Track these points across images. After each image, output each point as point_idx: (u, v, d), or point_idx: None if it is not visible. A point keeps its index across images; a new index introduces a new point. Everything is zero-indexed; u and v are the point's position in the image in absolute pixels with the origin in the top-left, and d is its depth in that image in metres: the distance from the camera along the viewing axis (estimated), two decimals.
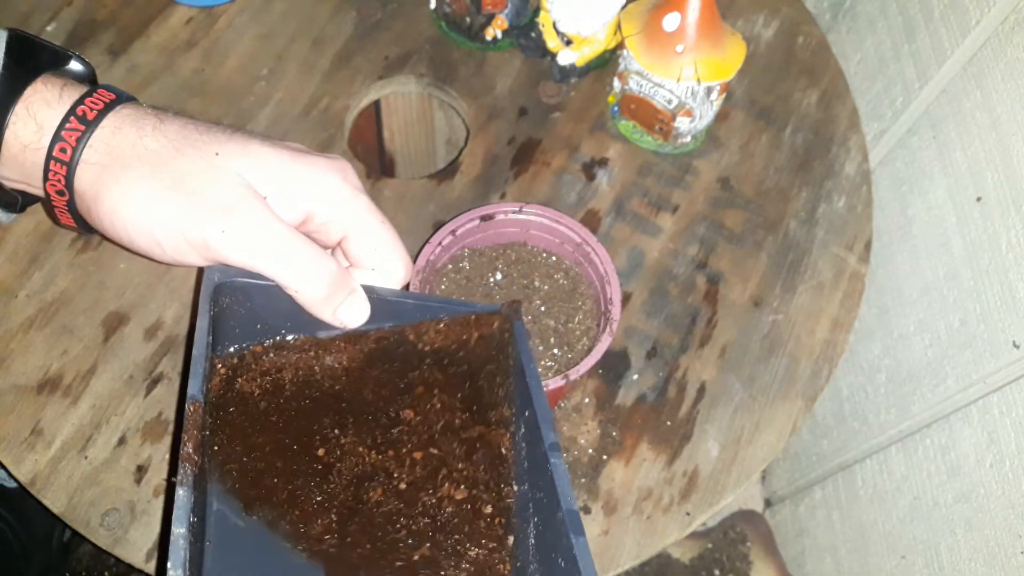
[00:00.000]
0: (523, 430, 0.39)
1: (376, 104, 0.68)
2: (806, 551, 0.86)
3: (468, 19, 0.61)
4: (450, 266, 0.49)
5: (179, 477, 0.31)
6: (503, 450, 0.39)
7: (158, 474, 0.47)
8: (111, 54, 0.61)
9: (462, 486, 0.38)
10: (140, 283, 0.53)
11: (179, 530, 0.29)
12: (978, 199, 0.56)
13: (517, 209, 0.48)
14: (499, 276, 0.48)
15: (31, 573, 0.79)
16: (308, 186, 0.38)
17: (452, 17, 0.62)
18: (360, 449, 0.38)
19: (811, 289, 0.56)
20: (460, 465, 0.38)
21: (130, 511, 0.46)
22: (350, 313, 0.39)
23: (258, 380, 0.39)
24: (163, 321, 0.52)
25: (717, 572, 0.95)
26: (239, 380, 0.39)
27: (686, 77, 0.53)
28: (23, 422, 0.48)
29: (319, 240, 0.40)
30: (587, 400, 0.51)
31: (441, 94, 0.63)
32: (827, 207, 0.59)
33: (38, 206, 0.54)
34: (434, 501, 0.37)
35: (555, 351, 0.47)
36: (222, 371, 0.39)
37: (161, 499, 0.47)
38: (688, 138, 0.58)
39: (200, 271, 0.38)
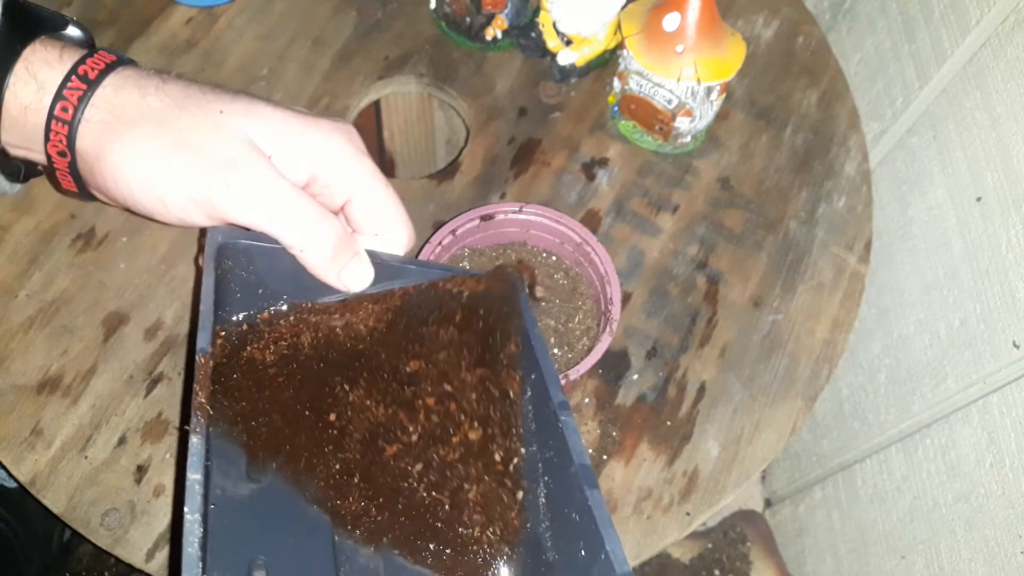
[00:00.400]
0: (529, 393, 0.39)
1: (376, 104, 0.68)
2: (806, 551, 0.86)
3: (468, 19, 0.61)
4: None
5: (192, 425, 0.32)
6: (512, 393, 0.39)
7: (158, 474, 0.47)
8: None
9: (475, 423, 0.38)
10: (140, 283, 0.53)
11: (194, 476, 0.30)
12: (978, 199, 0.56)
13: (517, 209, 0.49)
14: None
15: (31, 573, 0.79)
16: (312, 148, 0.38)
17: (452, 17, 0.62)
18: (370, 404, 0.38)
19: (811, 289, 0.56)
20: (470, 406, 0.39)
21: (130, 511, 0.46)
22: (354, 276, 0.39)
23: (268, 346, 0.39)
24: (163, 321, 0.52)
25: (717, 572, 0.95)
26: (247, 348, 0.39)
27: (686, 77, 0.53)
28: (23, 422, 0.48)
29: (322, 203, 0.39)
30: (587, 400, 0.51)
31: (441, 94, 0.63)
32: (827, 207, 0.59)
33: (38, 208, 0.54)
34: (445, 453, 0.38)
35: (555, 351, 0.47)
36: (223, 336, 0.38)
37: (161, 499, 0.47)
38: (688, 138, 0.58)
39: (201, 241, 0.38)
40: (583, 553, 0.33)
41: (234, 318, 0.39)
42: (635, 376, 0.52)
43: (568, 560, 0.34)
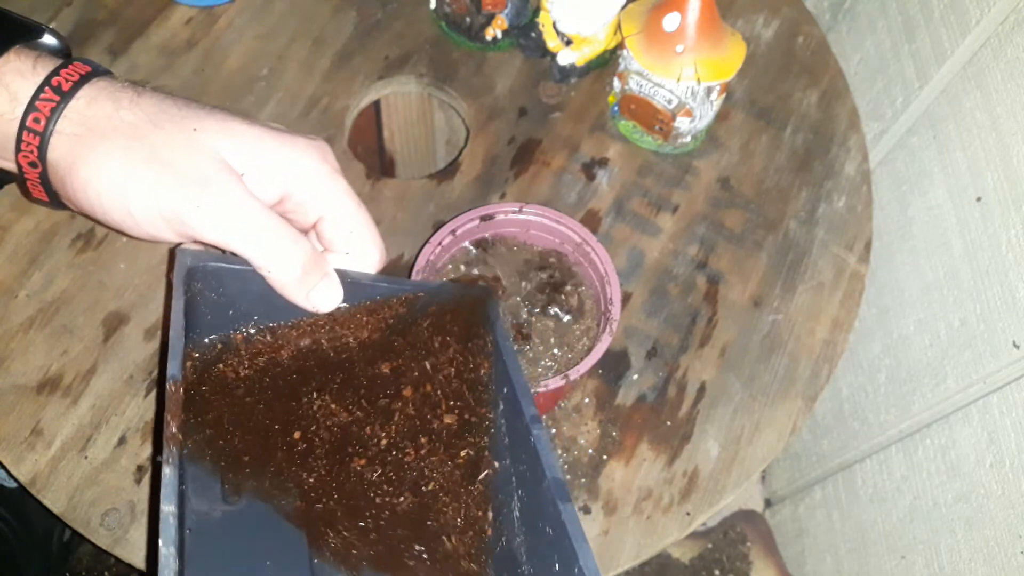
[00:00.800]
0: (502, 406, 0.39)
1: (376, 104, 0.68)
2: (806, 551, 0.86)
3: (468, 19, 0.61)
4: (450, 266, 0.49)
5: (164, 456, 0.31)
6: (485, 412, 0.39)
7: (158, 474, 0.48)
8: (111, 54, 0.61)
9: (449, 439, 0.38)
10: (140, 283, 0.53)
11: (168, 508, 0.30)
12: (978, 199, 0.56)
13: (517, 209, 0.48)
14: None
15: (31, 573, 0.79)
16: (285, 165, 0.38)
17: (452, 17, 0.62)
18: (343, 423, 0.39)
19: (811, 289, 0.56)
20: (442, 425, 0.39)
21: (130, 511, 0.46)
22: (323, 297, 0.39)
23: (240, 366, 0.39)
24: (163, 321, 0.52)
25: (717, 572, 0.95)
26: (218, 367, 0.39)
27: (686, 77, 0.53)
28: (23, 422, 0.48)
29: (295, 221, 0.39)
30: (587, 400, 0.51)
31: (441, 94, 0.63)
32: (827, 207, 0.59)
33: (37, 208, 0.54)
34: (418, 470, 0.38)
35: (555, 351, 0.47)
36: (196, 357, 0.38)
37: None
38: (688, 138, 0.58)
39: (172, 257, 0.38)
40: (557, 567, 0.33)
41: (206, 340, 0.39)
42: (635, 376, 0.52)
43: (543, 574, 0.34)
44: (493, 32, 0.61)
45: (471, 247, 0.49)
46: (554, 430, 0.50)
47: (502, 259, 0.49)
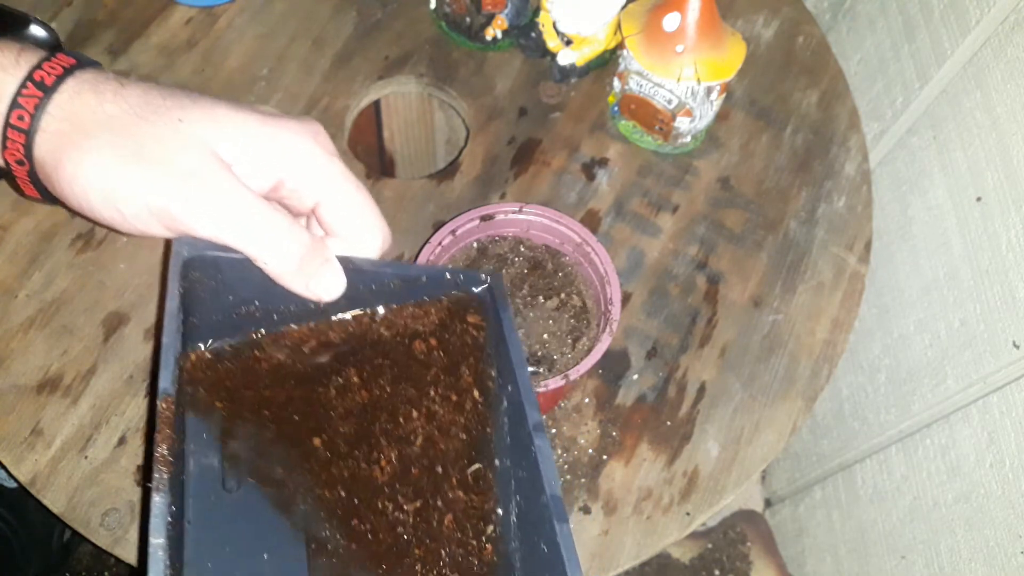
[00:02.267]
0: (505, 404, 0.38)
1: (376, 104, 0.68)
2: (806, 551, 0.86)
3: (468, 19, 0.61)
4: (450, 266, 0.49)
5: (154, 483, 0.30)
6: (488, 422, 0.38)
7: None
8: (111, 54, 0.61)
9: (451, 448, 0.38)
10: (140, 283, 0.53)
11: (157, 540, 0.28)
12: (978, 199, 0.56)
13: (517, 209, 0.48)
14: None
15: (31, 573, 0.79)
16: (277, 151, 0.37)
17: (452, 17, 0.62)
18: (351, 429, 0.38)
19: (811, 289, 0.56)
20: (446, 431, 0.38)
21: (130, 511, 0.46)
22: (324, 285, 0.38)
23: (251, 361, 0.38)
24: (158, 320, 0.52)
25: (717, 572, 0.95)
26: (224, 362, 0.38)
27: (686, 77, 0.53)
28: (23, 422, 0.48)
29: (292, 207, 0.38)
30: (587, 400, 0.51)
31: (441, 94, 0.63)
32: (827, 207, 0.59)
33: (37, 208, 0.54)
34: (421, 481, 0.37)
35: (554, 351, 0.47)
36: (202, 350, 0.37)
37: None
38: (688, 138, 0.58)
39: (167, 249, 0.37)
40: None
41: (209, 341, 0.38)
42: (635, 376, 0.52)
43: None
44: (493, 32, 0.61)
45: (472, 246, 0.49)
46: (554, 430, 0.50)
47: (502, 259, 0.49)
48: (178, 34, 0.62)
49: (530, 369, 0.45)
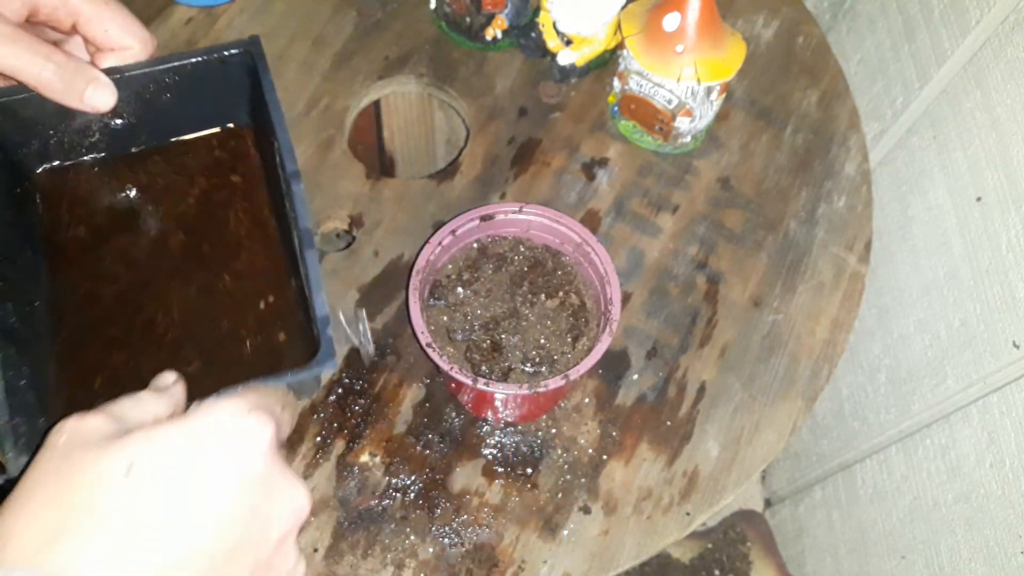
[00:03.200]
0: (277, 158, 0.43)
1: (376, 104, 0.68)
2: (806, 551, 0.86)
3: (468, 19, 0.61)
4: (450, 266, 0.49)
5: None
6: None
7: None
8: None
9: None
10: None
11: None
12: (978, 199, 0.56)
13: (517, 209, 0.48)
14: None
15: None
16: None
17: (452, 17, 0.62)
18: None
19: (811, 289, 0.56)
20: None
21: None
22: (96, 97, 0.41)
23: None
24: None
25: (717, 572, 0.95)
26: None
27: (686, 77, 0.53)
28: None
29: (57, 29, 0.41)
30: (587, 400, 0.51)
31: (441, 94, 0.63)
32: (827, 207, 0.59)
33: None
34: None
35: (554, 351, 0.47)
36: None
37: None
38: (688, 138, 0.58)
39: None
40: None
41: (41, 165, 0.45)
42: (635, 376, 0.52)
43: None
44: (493, 32, 0.61)
45: (472, 246, 0.49)
46: (554, 430, 0.50)
47: (501, 259, 0.49)
48: (178, 34, 0.62)
49: (530, 369, 0.45)
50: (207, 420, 0.30)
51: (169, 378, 0.34)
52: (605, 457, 0.50)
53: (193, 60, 0.44)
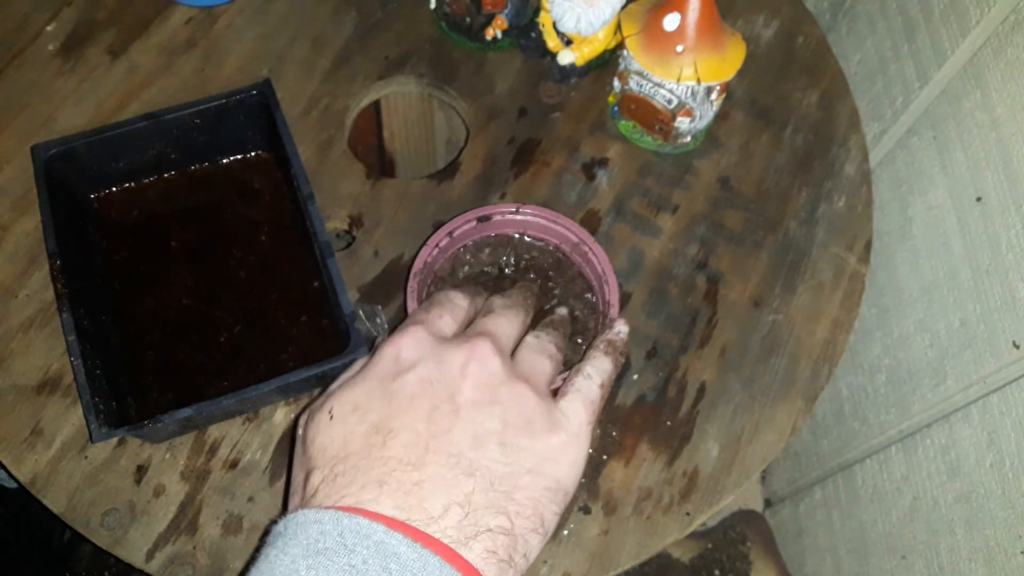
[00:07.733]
0: (294, 182, 0.50)
1: (376, 104, 0.68)
2: (806, 551, 0.86)
3: (468, 19, 0.61)
4: (448, 267, 0.49)
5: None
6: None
7: (158, 474, 0.48)
8: (111, 54, 0.61)
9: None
10: None
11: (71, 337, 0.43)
12: (978, 199, 0.56)
13: (514, 210, 0.49)
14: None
15: (31, 573, 0.79)
16: None
17: (452, 17, 0.62)
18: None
19: (811, 289, 0.56)
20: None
21: (130, 511, 0.46)
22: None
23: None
24: None
25: (717, 572, 0.95)
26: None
27: (686, 77, 0.53)
28: (23, 422, 0.48)
29: None
30: None
31: (441, 94, 0.63)
32: (827, 207, 0.59)
33: (37, 209, 0.54)
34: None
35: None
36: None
37: (161, 499, 0.47)
38: (688, 138, 0.58)
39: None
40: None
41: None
42: (635, 376, 0.52)
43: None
44: (493, 32, 0.61)
45: (470, 247, 0.49)
46: None
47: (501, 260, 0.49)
48: (178, 34, 0.62)
49: None
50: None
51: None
52: (605, 457, 0.50)
53: (215, 104, 0.51)
